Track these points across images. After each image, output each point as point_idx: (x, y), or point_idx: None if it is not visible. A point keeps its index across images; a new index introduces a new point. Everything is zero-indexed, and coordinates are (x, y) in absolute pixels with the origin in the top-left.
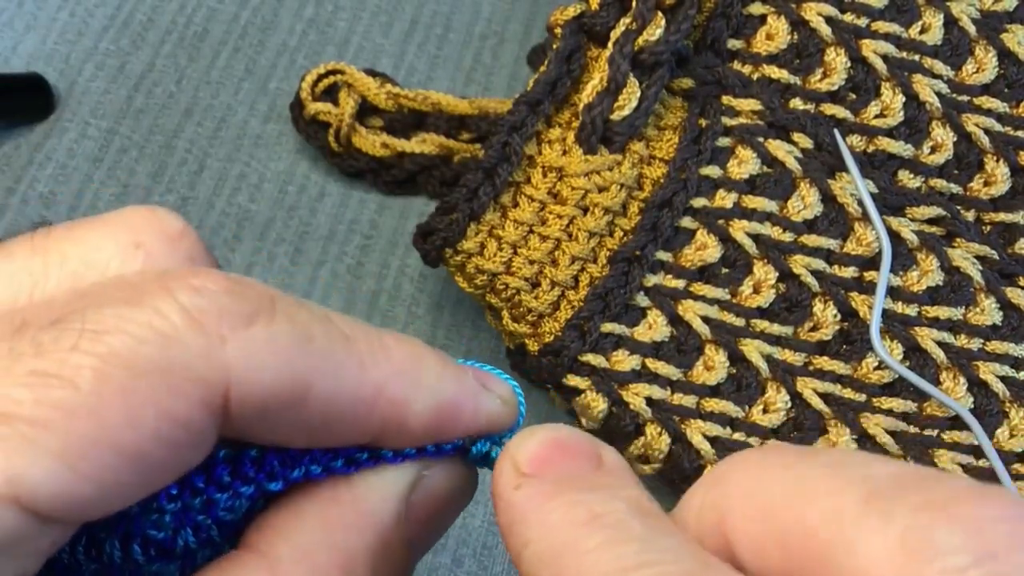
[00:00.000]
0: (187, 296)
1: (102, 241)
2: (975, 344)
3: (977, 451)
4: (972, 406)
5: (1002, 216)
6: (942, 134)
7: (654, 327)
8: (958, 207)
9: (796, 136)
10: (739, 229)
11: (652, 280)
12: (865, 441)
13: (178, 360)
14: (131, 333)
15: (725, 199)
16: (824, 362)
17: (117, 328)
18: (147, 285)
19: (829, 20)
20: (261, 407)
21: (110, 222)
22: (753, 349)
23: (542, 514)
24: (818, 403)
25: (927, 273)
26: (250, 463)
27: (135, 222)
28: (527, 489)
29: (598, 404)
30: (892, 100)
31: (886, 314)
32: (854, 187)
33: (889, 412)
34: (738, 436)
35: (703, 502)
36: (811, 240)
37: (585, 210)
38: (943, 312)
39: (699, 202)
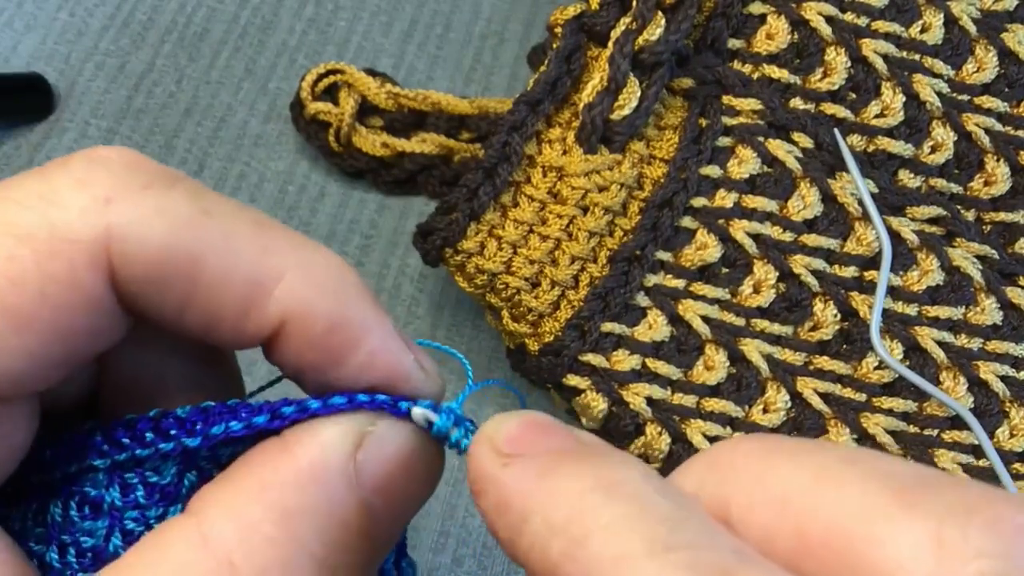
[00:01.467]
0: (81, 165)
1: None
2: (975, 344)
3: (977, 451)
4: (972, 406)
5: (1002, 216)
6: (942, 134)
7: (654, 327)
8: (958, 207)
9: (796, 136)
10: (739, 229)
11: (652, 280)
12: (865, 441)
13: (57, 223)
14: (15, 200)
15: (725, 199)
16: (824, 362)
17: (5, 198)
18: (53, 164)
19: (829, 20)
20: (148, 272)
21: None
22: (753, 349)
23: (544, 485)
24: (818, 403)
25: (927, 273)
26: (173, 421)
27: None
28: (518, 465)
29: (598, 404)
30: (892, 100)
31: (886, 314)
32: (854, 187)
33: (889, 412)
34: (739, 436)
35: (700, 485)
36: (811, 240)
37: (585, 210)
38: (943, 312)
39: (699, 202)
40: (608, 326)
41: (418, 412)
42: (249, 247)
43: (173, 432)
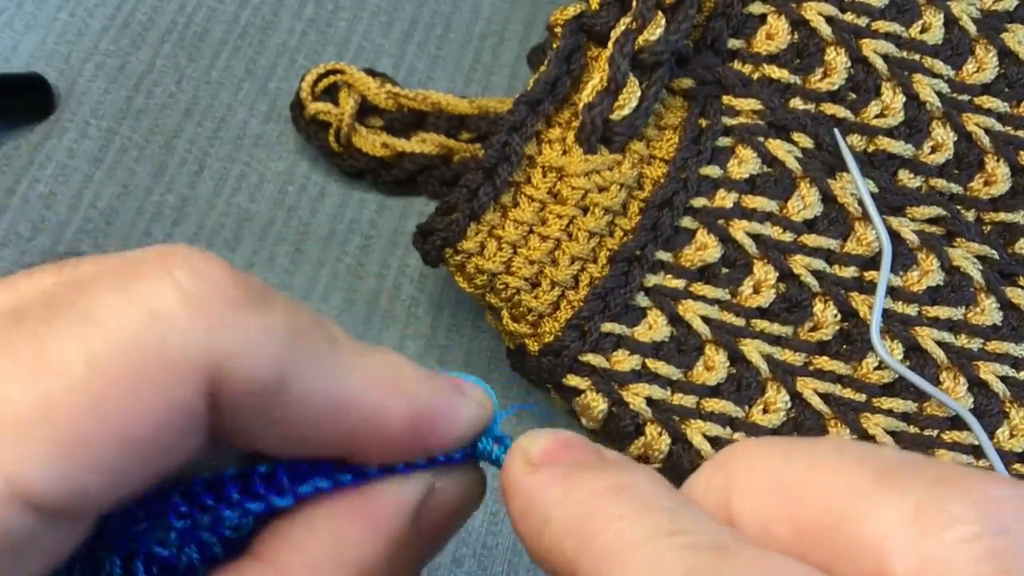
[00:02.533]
0: (187, 277)
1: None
2: (975, 344)
3: (977, 451)
4: (972, 406)
5: (1002, 216)
6: (942, 134)
7: (654, 327)
8: (958, 207)
9: (796, 136)
10: (739, 229)
11: (652, 280)
12: (865, 441)
13: (176, 344)
14: (127, 316)
15: (725, 199)
16: (824, 362)
17: (113, 312)
18: (145, 265)
19: (829, 20)
20: (247, 394)
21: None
22: (753, 349)
23: (563, 490)
24: (818, 403)
25: (927, 273)
26: (259, 480)
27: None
28: (543, 473)
29: (598, 404)
30: (892, 100)
31: (886, 314)
32: (854, 187)
33: (889, 412)
34: (738, 436)
35: (707, 485)
36: (811, 240)
37: (585, 210)
38: (943, 312)
39: (699, 202)
40: (608, 326)
41: (485, 446)
42: (329, 362)
43: (260, 491)
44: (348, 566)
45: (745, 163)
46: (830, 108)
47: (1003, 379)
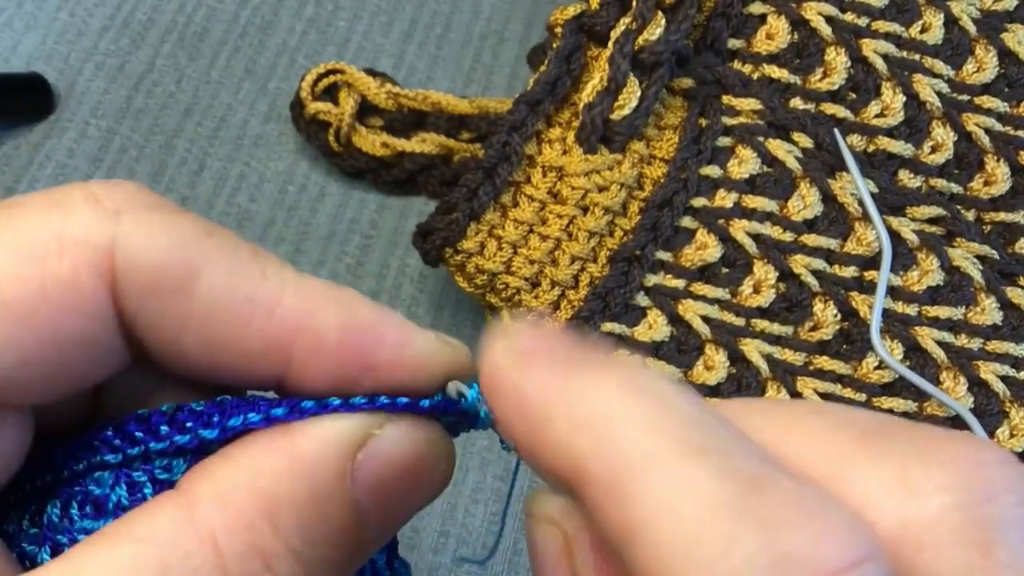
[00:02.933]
0: (98, 185)
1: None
2: (975, 344)
3: None
4: (972, 406)
5: (1002, 216)
6: (942, 134)
7: (654, 327)
8: (958, 207)
9: (796, 136)
10: (739, 229)
11: (652, 280)
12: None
13: (65, 227)
14: (27, 208)
15: (725, 199)
16: (824, 362)
17: (16, 205)
18: (69, 184)
19: (829, 20)
20: (147, 282)
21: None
22: (753, 349)
23: (567, 382)
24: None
25: (927, 273)
26: (189, 414)
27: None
28: (540, 362)
29: None
30: (892, 100)
31: (886, 314)
32: (854, 187)
33: (889, 412)
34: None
35: None
36: (811, 240)
37: (585, 210)
38: (943, 312)
39: (699, 202)
40: (608, 326)
41: (452, 386)
42: (248, 268)
43: (189, 425)
44: (261, 496)
45: (745, 163)
46: (830, 108)
47: (1003, 379)
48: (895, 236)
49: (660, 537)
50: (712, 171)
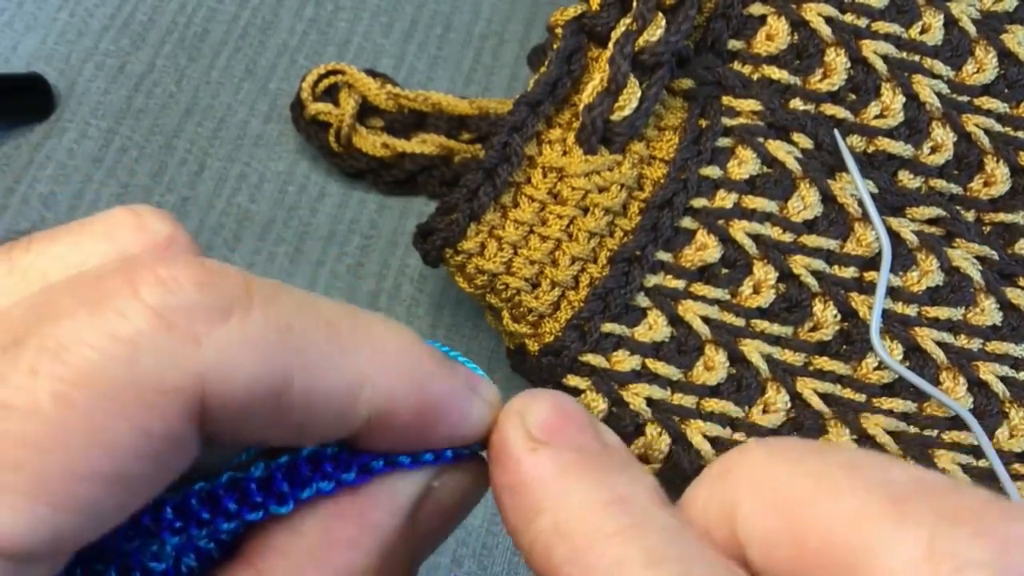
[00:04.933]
0: (153, 293)
1: (82, 254)
2: (975, 344)
3: (977, 451)
4: (972, 406)
5: (1002, 216)
6: (942, 134)
7: (654, 327)
8: (958, 207)
9: (796, 136)
10: (739, 229)
11: (652, 280)
12: (865, 441)
13: (148, 371)
14: (93, 346)
15: (725, 199)
16: (824, 362)
17: (77, 341)
18: (109, 283)
19: (829, 20)
20: (241, 407)
21: (90, 231)
22: (753, 349)
23: (563, 485)
24: (818, 403)
25: (927, 273)
26: (256, 486)
27: (118, 230)
28: (545, 455)
29: (598, 404)
30: (892, 100)
31: (886, 314)
32: (854, 187)
33: (889, 412)
34: (738, 436)
35: (709, 495)
36: (811, 240)
37: (585, 210)
38: (943, 312)
39: (699, 202)
40: (608, 326)
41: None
42: (330, 352)
43: (259, 500)
44: (334, 570)
45: (745, 164)
46: (830, 109)
47: (1003, 379)
48: (895, 237)
49: None
50: (712, 172)
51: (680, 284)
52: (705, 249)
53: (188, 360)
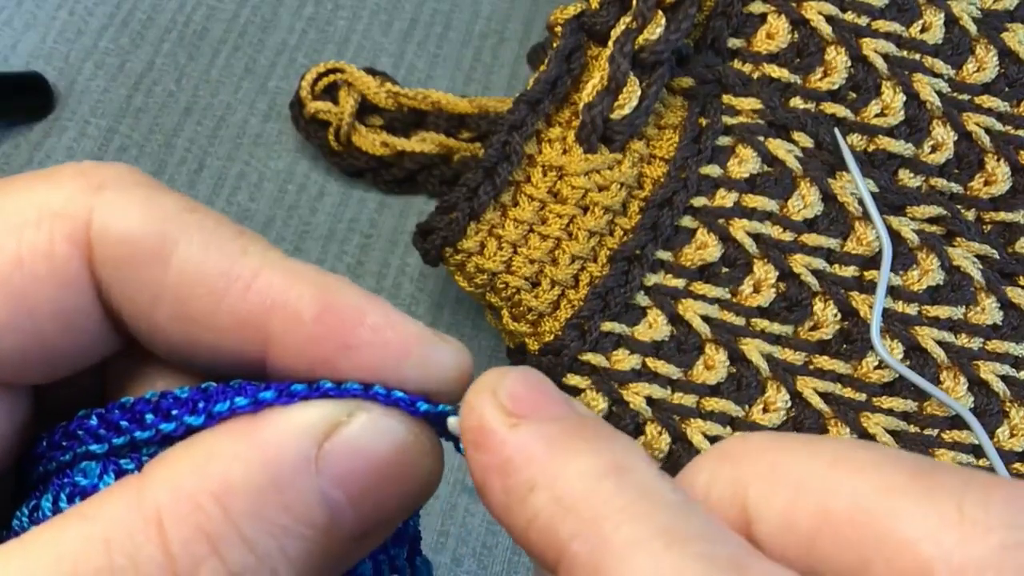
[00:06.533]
0: (91, 165)
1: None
2: (975, 343)
3: (977, 450)
4: (972, 405)
5: (1002, 215)
6: (943, 133)
7: (654, 326)
8: (958, 206)
9: (796, 135)
10: (739, 228)
11: (652, 279)
12: (865, 441)
13: (47, 199)
14: (18, 183)
15: (725, 198)
16: (824, 361)
17: (11, 181)
18: (60, 167)
19: (830, 19)
20: (122, 252)
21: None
22: (753, 348)
23: (555, 457)
24: (818, 402)
25: (927, 272)
26: (174, 401)
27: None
28: (527, 429)
29: (598, 403)
30: (893, 99)
31: (886, 313)
32: (854, 186)
33: (889, 411)
34: (745, 433)
35: (713, 477)
36: (811, 239)
37: (585, 209)
38: (943, 311)
39: (699, 201)
40: (608, 325)
41: (452, 421)
42: (228, 245)
43: (175, 412)
44: (212, 479)
45: (745, 162)
46: (830, 107)
47: (1003, 378)
48: (895, 236)
49: None
50: (712, 170)
51: (680, 283)
52: (705, 248)
53: (81, 195)
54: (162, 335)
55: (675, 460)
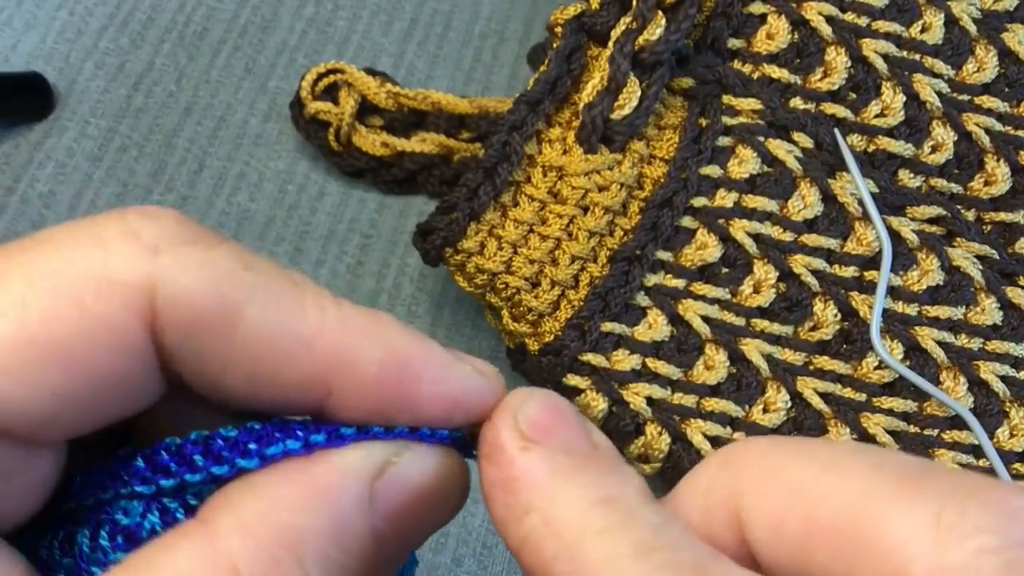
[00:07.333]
0: (134, 217)
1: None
2: (975, 344)
3: (977, 451)
4: (972, 406)
5: (1002, 216)
6: (942, 133)
7: (654, 327)
8: (958, 206)
9: (796, 135)
10: (739, 228)
11: (652, 280)
12: (865, 441)
13: (105, 266)
14: (64, 244)
15: (725, 198)
16: (824, 362)
17: (52, 240)
18: (108, 213)
19: (830, 19)
20: (188, 321)
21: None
22: (753, 349)
23: (554, 485)
24: (818, 403)
25: (927, 273)
26: (223, 442)
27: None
28: (537, 455)
29: (598, 404)
30: (892, 99)
31: (886, 314)
32: (854, 186)
33: (889, 412)
34: (738, 436)
35: (712, 482)
36: (811, 240)
37: (585, 209)
38: (943, 312)
39: (699, 201)
40: (608, 326)
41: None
42: (287, 302)
43: (226, 455)
44: (283, 528)
45: (745, 163)
46: (830, 108)
47: (1003, 379)
48: (895, 236)
49: None
50: (712, 171)
51: (680, 283)
52: (705, 248)
53: (142, 262)
54: (222, 391)
55: (675, 460)
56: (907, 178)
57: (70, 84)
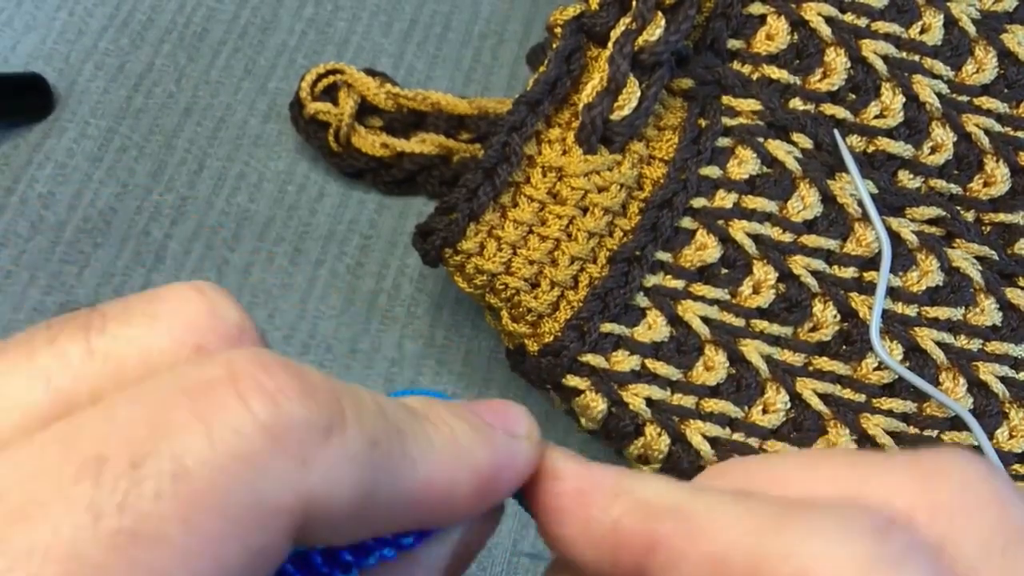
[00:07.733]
0: (264, 408)
1: (156, 338)
2: (975, 345)
3: (977, 451)
4: (972, 407)
5: (1002, 216)
6: (942, 134)
7: (654, 327)
8: (958, 207)
9: (796, 136)
10: (739, 229)
11: (652, 280)
12: (865, 442)
13: (265, 493)
14: (214, 466)
15: (725, 199)
16: (824, 362)
17: (199, 463)
18: (217, 393)
19: (829, 20)
20: (337, 523)
21: (163, 316)
22: (753, 349)
23: (629, 476)
24: (818, 404)
25: (927, 273)
26: (321, 558)
27: (192, 316)
28: (600, 465)
29: (597, 404)
30: (892, 100)
31: (886, 314)
32: (854, 187)
33: (889, 412)
34: (738, 436)
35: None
36: (811, 240)
37: (585, 210)
38: (943, 312)
39: (699, 202)
40: (607, 326)
41: None
42: (404, 464)
43: (325, 570)
44: None
45: (745, 163)
46: (830, 109)
47: (1003, 380)
48: (895, 237)
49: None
50: (712, 171)
51: (680, 284)
52: (705, 249)
53: (297, 482)
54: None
55: (674, 461)
56: (906, 179)
57: (70, 85)
